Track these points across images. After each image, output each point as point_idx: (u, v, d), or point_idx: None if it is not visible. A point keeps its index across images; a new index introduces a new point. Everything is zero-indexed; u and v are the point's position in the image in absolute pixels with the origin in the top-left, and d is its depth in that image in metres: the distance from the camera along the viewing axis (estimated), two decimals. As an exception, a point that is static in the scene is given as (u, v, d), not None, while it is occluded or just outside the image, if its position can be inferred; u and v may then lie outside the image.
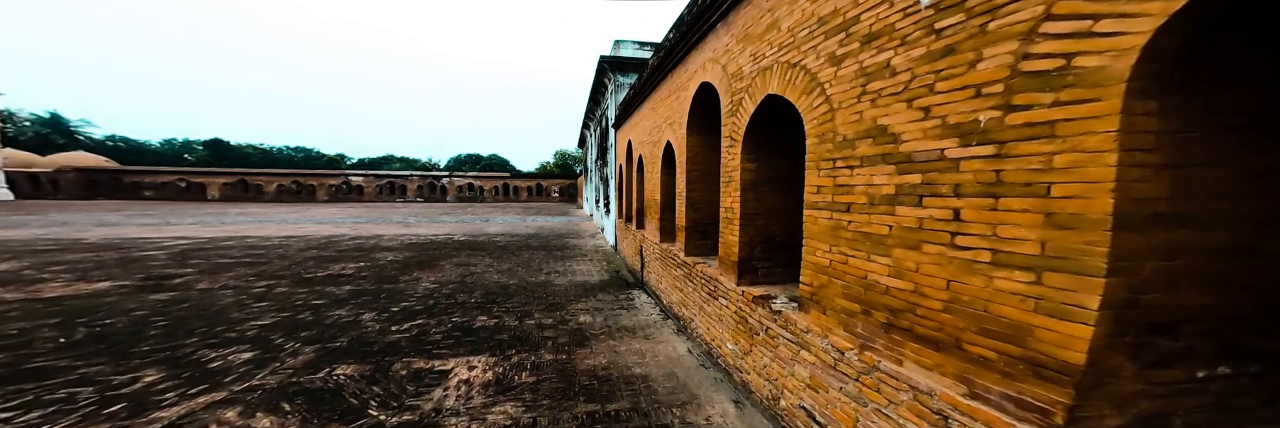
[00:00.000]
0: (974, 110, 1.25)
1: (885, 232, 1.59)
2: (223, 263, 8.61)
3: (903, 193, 1.52)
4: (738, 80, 3.01)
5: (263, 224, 17.24)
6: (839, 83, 1.82)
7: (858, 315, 1.72)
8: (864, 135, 1.68)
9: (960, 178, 1.31)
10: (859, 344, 1.72)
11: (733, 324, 3.11)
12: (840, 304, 1.84)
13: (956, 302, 1.31)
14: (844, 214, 1.81)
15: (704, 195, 4.48)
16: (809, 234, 2.06)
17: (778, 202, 3.01)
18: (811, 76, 2.03)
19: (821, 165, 1.94)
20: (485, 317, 5.17)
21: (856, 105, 1.71)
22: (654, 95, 6.09)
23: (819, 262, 1.97)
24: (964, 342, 1.30)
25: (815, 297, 2.02)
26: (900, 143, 1.51)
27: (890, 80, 1.55)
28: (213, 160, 56.22)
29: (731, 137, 3.08)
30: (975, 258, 1.28)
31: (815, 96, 1.98)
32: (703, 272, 3.89)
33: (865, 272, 1.68)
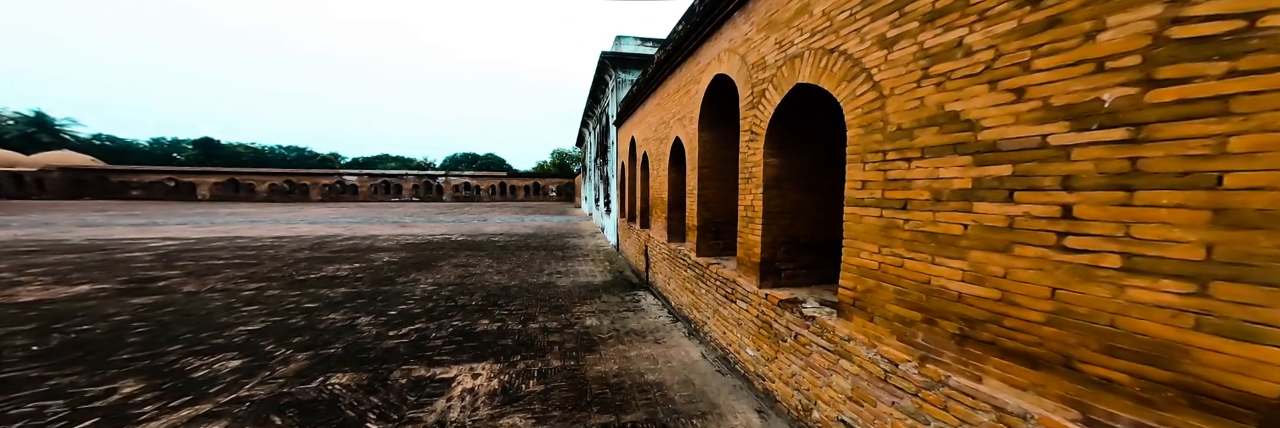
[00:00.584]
0: (1092, 89, 1.06)
1: (958, 231, 1.41)
2: (211, 265, 8.32)
3: (984, 187, 1.34)
4: (760, 70, 2.83)
5: (254, 224, 16.87)
6: (890, 67, 1.64)
7: (918, 325, 1.55)
8: (927, 123, 1.50)
9: (1072, 168, 1.12)
10: (919, 356, 1.55)
11: (754, 329, 2.93)
12: (893, 311, 1.66)
13: (1067, 314, 1.13)
14: (898, 212, 1.63)
15: (717, 193, 4.30)
16: (851, 234, 1.88)
17: (802, 199, 2.83)
18: (853, 62, 1.85)
19: (868, 158, 1.77)
20: (487, 320, 4.96)
21: (915, 91, 1.54)
22: (660, 91, 5.90)
23: (864, 264, 1.80)
24: (1077, 360, 1.11)
25: (859, 303, 1.84)
26: (979, 130, 1.33)
27: (963, 61, 1.36)
28: (203, 160, 55.33)
29: (752, 130, 2.90)
30: (1095, 263, 1.09)
31: (859, 83, 1.80)
32: (718, 273, 3.71)
33: (928, 276, 1.51)
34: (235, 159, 58.46)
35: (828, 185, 2.89)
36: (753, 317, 2.95)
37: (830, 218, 2.93)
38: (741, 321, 3.18)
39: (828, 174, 2.87)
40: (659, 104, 6.01)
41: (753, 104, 2.92)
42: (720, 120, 4.19)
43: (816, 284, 2.87)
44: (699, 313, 4.29)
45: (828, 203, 2.90)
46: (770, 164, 2.73)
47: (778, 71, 2.56)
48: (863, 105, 1.79)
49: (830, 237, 2.94)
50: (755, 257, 2.88)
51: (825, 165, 2.83)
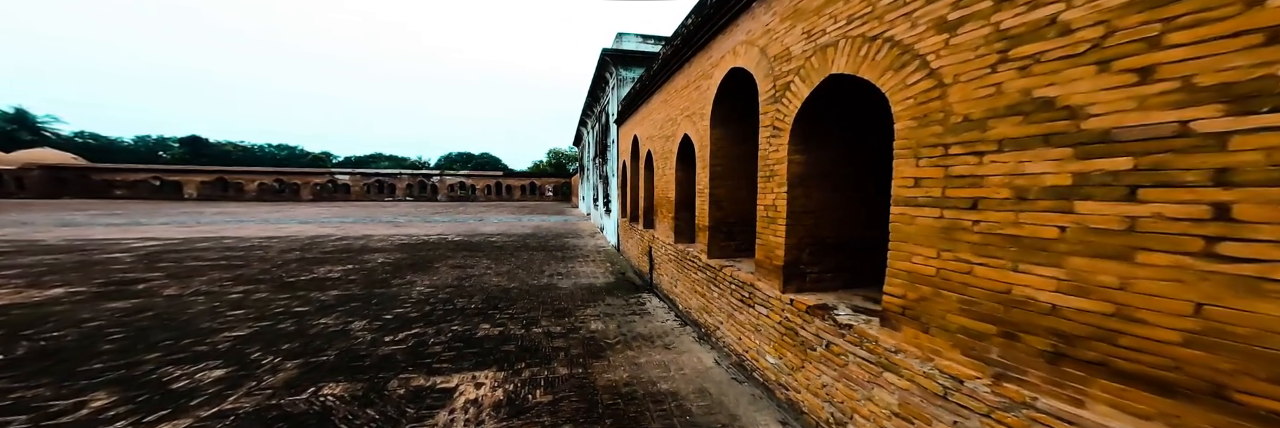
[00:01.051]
0: (1260, 64, 0.89)
1: (1051, 235, 1.24)
2: (195, 266, 8.00)
3: (1091, 183, 1.16)
4: (783, 62, 2.67)
5: (242, 224, 16.43)
6: (954, 52, 1.48)
7: (991, 338, 1.38)
8: (1005, 112, 1.33)
9: (1229, 160, 0.95)
10: (992, 374, 1.38)
11: (776, 336, 2.77)
12: (956, 323, 1.49)
13: (1219, 334, 0.96)
14: (965, 212, 1.46)
15: (729, 192, 4.14)
16: (900, 236, 1.71)
17: (829, 198, 2.67)
18: (903, 49, 1.69)
19: (923, 153, 1.60)
20: (488, 325, 4.75)
21: (989, 77, 1.37)
22: (666, 87, 5.73)
23: (918, 270, 1.63)
24: (1233, 390, 0.95)
25: (910, 312, 1.67)
26: (1082, 118, 1.16)
27: (1059, 41, 1.19)
28: (190, 158, 54.23)
29: (774, 126, 2.74)
30: (1265, 274, 0.92)
31: (910, 72, 1.64)
32: (732, 276, 3.54)
33: (1007, 285, 1.34)
34: (224, 158, 57.41)
35: (856, 183, 2.73)
36: (774, 323, 2.78)
37: (857, 218, 2.77)
38: (760, 326, 3.01)
39: (856, 171, 2.71)
40: (665, 101, 5.84)
41: (775, 98, 2.75)
42: (733, 116, 4.03)
43: (842, 289, 2.71)
44: (710, 317, 4.11)
45: (855, 202, 2.74)
46: (795, 161, 2.57)
47: (805, 63, 2.40)
48: (916, 95, 1.62)
49: (857, 238, 2.79)
50: (777, 259, 2.72)
51: (853, 162, 2.67)
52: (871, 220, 2.83)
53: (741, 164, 4.09)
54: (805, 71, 2.39)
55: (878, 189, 2.82)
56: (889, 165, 2.82)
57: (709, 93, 4.05)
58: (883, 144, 2.79)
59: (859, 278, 2.78)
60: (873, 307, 2.24)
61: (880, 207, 2.83)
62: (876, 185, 2.80)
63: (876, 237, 2.84)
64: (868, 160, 2.72)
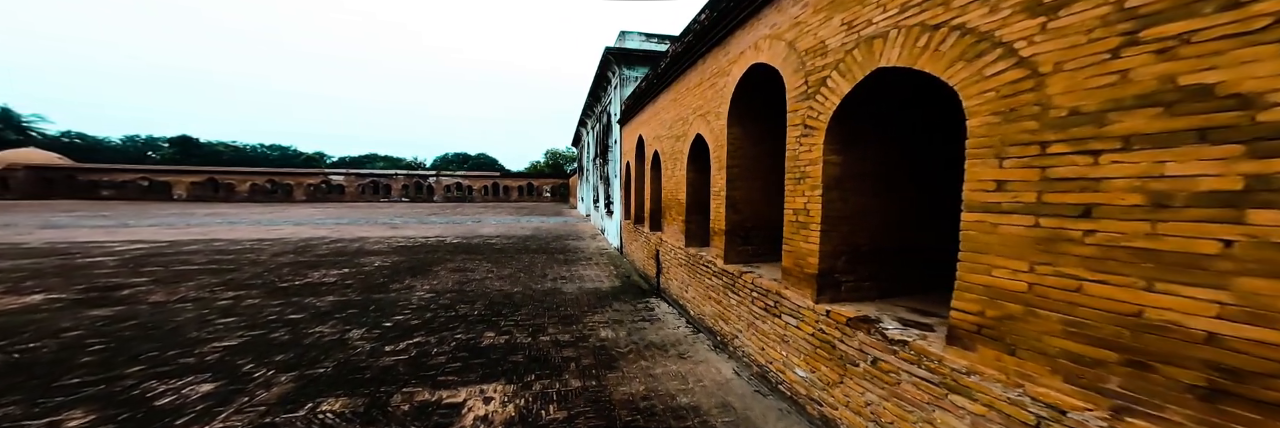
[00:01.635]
0: None
1: (1211, 250, 1.05)
2: (183, 270, 7.71)
3: (1272, 188, 0.98)
4: (817, 57, 2.50)
5: (233, 226, 16.07)
6: (1054, 37, 1.29)
7: (1111, 367, 1.19)
8: (1137, 103, 1.15)
9: None
10: (1110, 407, 1.19)
11: (808, 349, 2.59)
12: (1057, 346, 1.31)
13: None
14: (1073, 221, 1.27)
15: (746, 194, 3.97)
16: (975, 246, 1.53)
17: (867, 202, 2.51)
18: (979, 37, 1.51)
19: (1008, 152, 1.42)
20: (493, 333, 4.54)
21: (1109, 63, 1.18)
22: (677, 85, 5.56)
23: (1001, 285, 1.45)
24: None
25: (990, 331, 1.49)
26: (1259, 108, 0.97)
27: (1221, 17, 1.00)
28: (180, 159, 53.39)
29: (807, 124, 2.57)
30: None
31: (991, 61, 1.46)
32: (754, 284, 3.36)
33: (1137, 307, 1.16)
34: (215, 158, 56.57)
35: (895, 186, 2.56)
36: (806, 335, 2.61)
37: (896, 223, 2.60)
38: (789, 338, 2.84)
39: (895, 173, 2.55)
40: (674, 99, 5.66)
41: (806, 95, 2.59)
42: (752, 115, 3.86)
43: (880, 299, 2.54)
44: (727, 325, 3.94)
45: (894, 206, 2.58)
46: (831, 163, 2.40)
47: (846, 56, 2.23)
48: (998, 88, 1.45)
49: (896, 245, 2.62)
50: (810, 268, 2.54)
51: (892, 163, 2.51)
52: (912, 226, 2.67)
53: (760, 165, 3.93)
54: (846, 66, 2.22)
55: (919, 192, 2.66)
56: (932, 166, 2.67)
57: (726, 90, 3.88)
58: (928, 143, 2.63)
59: (898, 287, 2.62)
60: (922, 320, 2.07)
61: (923, 211, 2.68)
62: (917, 187, 2.64)
63: (917, 244, 2.68)
64: (908, 161, 2.56)
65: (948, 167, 2.75)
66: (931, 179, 2.67)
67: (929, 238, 2.70)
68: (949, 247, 2.74)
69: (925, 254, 2.69)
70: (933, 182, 2.68)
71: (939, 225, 2.72)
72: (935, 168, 2.67)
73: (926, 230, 2.67)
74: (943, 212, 2.77)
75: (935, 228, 2.71)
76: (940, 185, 2.73)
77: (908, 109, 2.43)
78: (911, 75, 1.95)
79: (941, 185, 2.73)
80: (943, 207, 2.76)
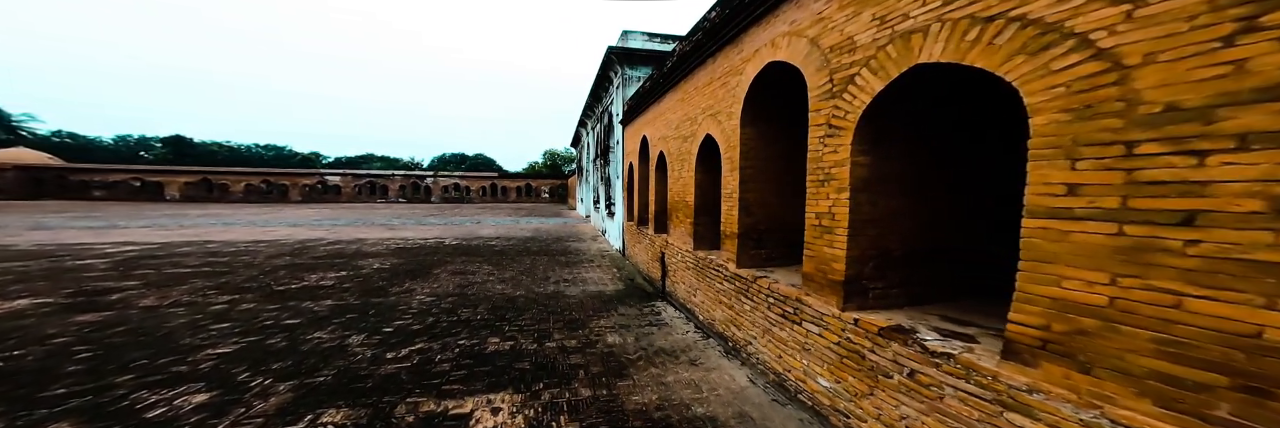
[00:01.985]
0: None
1: None
2: (175, 273, 7.53)
3: None
4: (843, 54, 2.40)
5: (227, 227, 15.83)
6: (1144, 26, 1.15)
7: (1219, 392, 1.07)
8: (1258, 97, 1.04)
9: None
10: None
11: (833, 358, 2.49)
12: (1145, 366, 1.19)
13: None
14: (1169, 229, 1.16)
15: (760, 197, 3.87)
16: (1041, 255, 1.41)
17: (896, 205, 2.41)
18: (1044, 28, 1.39)
19: (1083, 153, 1.30)
20: (497, 338, 4.42)
21: (1219, 52, 1.07)
22: (684, 84, 5.46)
23: (1073, 297, 1.33)
24: None
25: (1058, 346, 1.38)
26: None
27: None
28: (173, 159, 52.81)
29: (832, 124, 2.47)
30: None
31: (1060, 54, 1.34)
32: (770, 289, 3.26)
33: (1256, 327, 1.06)
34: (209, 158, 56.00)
35: (925, 188, 2.47)
36: (831, 344, 2.51)
37: (927, 227, 2.51)
38: (810, 346, 2.73)
39: (926, 174, 2.45)
40: (682, 99, 5.56)
41: (831, 94, 2.49)
42: (767, 115, 3.76)
43: (909, 306, 2.44)
44: (739, 331, 3.83)
45: (924, 209, 2.48)
46: (859, 164, 2.30)
47: (878, 53, 2.13)
48: (1070, 83, 1.32)
49: (927, 250, 2.52)
50: (835, 274, 2.44)
51: (923, 163, 2.41)
52: (943, 229, 2.57)
53: (775, 166, 3.83)
54: (878, 62, 2.12)
55: (949, 193, 2.56)
56: (963, 166, 2.56)
57: (739, 90, 3.78)
58: (959, 141, 2.52)
59: (928, 294, 2.52)
60: (960, 330, 1.97)
61: (954, 214, 2.58)
62: (947, 188, 2.54)
63: (947, 248, 2.58)
64: (937, 160, 2.47)
65: (980, 166, 2.65)
66: (962, 179, 2.58)
67: (959, 242, 2.60)
68: (981, 251, 2.65)
69: (956, 259, 2.60)
70: (963, 182, 2.59)
71: (969, 228, 2.63)
72: (966, 167, 2.58)
73: (956, 234, 2.58)
74: (974, 214, 2.67)
75: (966, 231, 2.62)
76: (971, 186, 2.63)
77: (937, 106, 2.33)
78: (952, 71, 1.85)
79: (973, 186, 2.64)
80: (974, 209, 2.67)
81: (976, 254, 2.63)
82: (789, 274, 3.58)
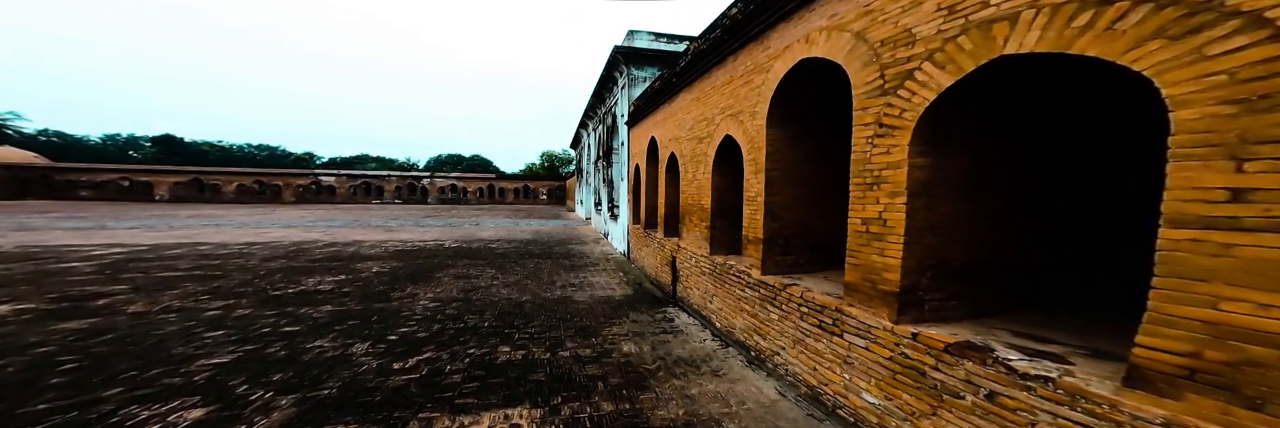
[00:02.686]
0: None
1: None
2: (166, 277, 7.24)
3: None
4: (899, 48, 2.25)
5: (219, 228, 15.46)
6: None
7: None
8: None
9: None
10: None
11: (884, 374, 2.33)
12: None
13: None
14: None
15: (786, 200, 3.72)
16: (1188, 271, 1.25)
17: (959, 211, 2.26)
18: (1191, 8, 1.17)
19: (1249, 152, 1.15)
20: (508, 347, 4.22)
21: None
22: (700, 84, 5.31)
23: (1234, 321, 1.16)
24: None
25: (1212, 377, 1.17)
26: None
27: None
28: (163, 158, 51.91)
29: (883, 123, 2.32)
30: None
31: (1220, 37, 1.13)
32: (803, 298, 3.10)
33: None
34: (200, 158, 55.13)
35: (990, 192, 2.32)
36: (881, 358, 2.35)
37: (991, 234, 2.35)
38: (853, 359, 2.58)
39: (990, 177, 2.30)
40: (697, 99, 5.42)
41: (882, 91, 2.34)
42: (795, 115, 3.62)
43: (968, 320, 2.29)
44: (764, 341, 3.67)
45: (990, 215, 2.33)
46: (918, 166, 2.15)
47: (946, 45, 1.98)
48: (1233, 70, 1.12)
49: (989, 258, 2.37)
50: (887, 284, 2.29)
51: (988, 165, 2.27)
52: (1007, 236, 2.42)
53: (802, 169, 3.69)
54: (946, 56, 1.96)
55: (1012, 198, 2.41)
56: (1030, 166, 2.42)
57: (765, 88, 3.64)
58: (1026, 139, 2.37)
59: (987, 306, 2.36)
60: (1041, 348, 1.81)
61: (1020, 219, 2.42)
62: (1010, 193, 2.39)
63: (1010, 257, 2.43)
64: (1002, 161, 2.32)
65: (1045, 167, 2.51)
66: (1025, 182, 2.43)
67: (1021, 250, 2.45)
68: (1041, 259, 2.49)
69: (1016, 269, 2.45)
70: (1026, 185, 2.44)
71: (1031, 235, 2.49)
72: (1030, 169, 2.43)
73: (1019, 242, 2.43)
74: (1037, 220, 2.53)
75: (1028, 239, 2.47)
76: (1035, 189, 2.49)
77: (999, 101, 2.19)
78: (1041, 62, 1.71)
79: (1036, 189, 2.49)
80: (1037, 214, 2.52)
81: (1037, 263, 2.49)
82: (819, 282, 3.43)
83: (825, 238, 3.82)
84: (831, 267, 3.89)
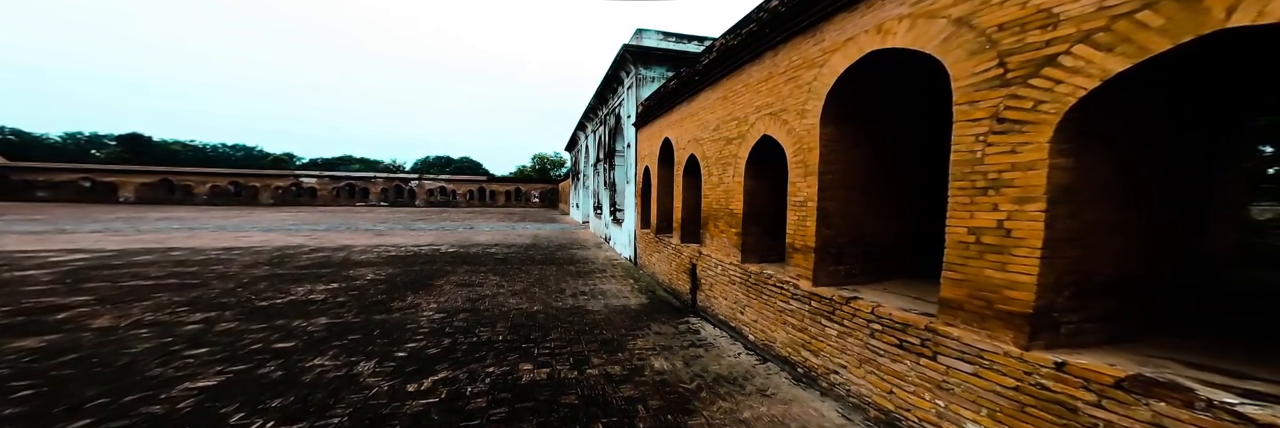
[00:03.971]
0: None
1: None
2: (135, 287, 6.61)
3: None
4: (1030, 31, 1.97)
5: (193, 232, 14.56)
6: None
7: None
8: None
9: None
10: None
11: (1007, 405, 2.05)
12: None
13: None
14: None
15: (842, 206, 3.46)
16: None
17: (1106, 220, 1.98)
18: None
19: None
20: (530, 365, 3.84)
21: None
22: (727, 82, 5.06)
23: None
24: None
25: None
26: None
27: None
28: (128, 158, 49.43)
29: (1006, 119, 2.05)
30: None
31: None
32: (875, 313, 2.83)
33: None
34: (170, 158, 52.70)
35: (1144, 196, 2.06)
36: (1000, 387, 2.08)
37: (1141, 246, 2.07)
38: (953, 386, 2.30)
39: (1146, 178, 2.04)
40: (724, 98, 5.16)
41: (1000, 82, 2.08)
42: (854, 113, 3.37)
43: (1110, 345, 1.99)
44: (816, 358, 3.39)
45: (1139, 225, 2.06)
46: (1060, 168, 1.89)
47: (1114, 23, 1.66)
48: None
49: (1139, 274, 2.10)
50: (1012, 303, 2.01)
51: (1137, 164, 2.01)
52: (1161, 248, 2.16)
53: (860, 171, 3.44)
54: (1118, 35, 1.65)
55: (1164, 204, 2.16)
56: (1185, 165, 2.18)
57: (819, 84, 3.38)
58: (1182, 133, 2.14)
59: (1131, 329, 2.07)
60: (1247, 386, 1.50)
61: (1170, 230, 2.18)
62: (1162, 199, 2.14)
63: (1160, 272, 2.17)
64: (1153, 163, 2.08)
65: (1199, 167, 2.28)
66: (1177, 186, 2.20)
67: (1171, 263, 2.20)
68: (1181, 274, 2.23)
69: (1168, 287, 2.19)
70: (1178, 189, 2.21)
71: (1178, 247, 2.23)
72: (1183, 170, 2.20)
73: (1169, 254, 2.18)
74: (1186, 229, 2.28)
75: (1176, 251, 2.22)
76: (1185, 194, 2.26)
77: (1155, 88, 1.93)
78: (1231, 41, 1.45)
79: (1187, 194, 2.26)
80: (1185, 222, 2.28)
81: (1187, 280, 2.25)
82: (881, 295, 3.17)
83: (881, 246, 3.58)
84: (889, 278, 3.64)
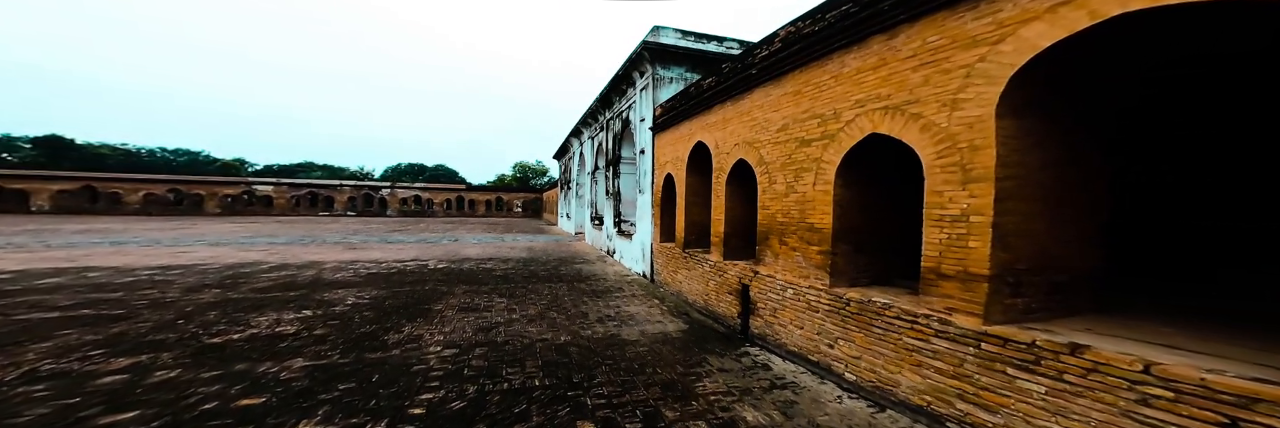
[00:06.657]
0: None
1: None
2: (34, 321, 5.13)
3: None
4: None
5: (119, 247, 12.50)
6: None
7: None
8: None
9: None
10: None
11: None
12: None
13: None
14: None
15: (1023, 223, 2.76)
16: None
17: None
18: None
19: None
20: (591, 424, 2.90)
21: None
22: (802, 75, 4.41)
23: None
24: None
25: None
26: None
27: None
28: (46, 162, 43.97)
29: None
30: None
31: None
32: (1129, 367, 2.11)
33: None
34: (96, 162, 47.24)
35: None
36: None
37: None
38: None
39: None
40: (797, 93, 4.50)
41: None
42: (1048, 102, 2.72)
43: None
44: (987, 415, 2.64)
45: None
46: None
47: None
48: None
49: None
50: None
51: None
52: None
53: (1046, 180, 2.77)
54: None
55: None
56: None
57: (990, 66, 2.72)
58: None
59: None
60: None
61: None
62: None
63: None
64: None
65: None
66: None
67: None
68: None
69: None
70: None
71: None
72: None
73: None
74: None
75: None
76: None
77: None
78: None
79: None
80: None
81: None
82: (1092, 338, 2.46)
83: (1067, 274, 2.89)
84: (1077, 313, 2.94)
